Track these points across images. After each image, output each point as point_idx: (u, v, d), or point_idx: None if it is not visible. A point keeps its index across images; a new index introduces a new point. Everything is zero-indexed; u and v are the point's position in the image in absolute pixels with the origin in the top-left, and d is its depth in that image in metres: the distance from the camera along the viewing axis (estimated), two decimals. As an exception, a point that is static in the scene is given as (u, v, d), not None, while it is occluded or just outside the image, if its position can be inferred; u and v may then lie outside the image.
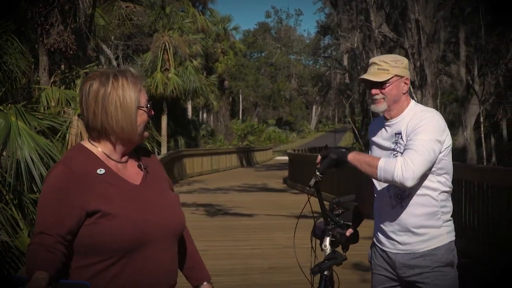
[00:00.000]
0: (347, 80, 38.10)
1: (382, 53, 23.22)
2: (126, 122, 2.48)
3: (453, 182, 3.45)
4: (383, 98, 3.43)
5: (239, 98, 68.46)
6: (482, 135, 19.65)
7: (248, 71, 69.14)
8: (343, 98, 42.00)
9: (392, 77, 3.42)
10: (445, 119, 3.38)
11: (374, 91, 3.44)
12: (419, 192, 3.35)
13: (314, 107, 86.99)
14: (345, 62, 40.95)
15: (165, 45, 31.20)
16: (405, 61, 3.50)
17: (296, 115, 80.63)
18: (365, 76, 3.44)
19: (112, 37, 21.99)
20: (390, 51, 21.80)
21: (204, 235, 10.73)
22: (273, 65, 74.47)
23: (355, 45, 25.64)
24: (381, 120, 3.58)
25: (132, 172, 2.57)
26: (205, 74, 42.04)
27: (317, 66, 75.83)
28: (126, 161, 2.58)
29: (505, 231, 7.95)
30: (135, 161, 2.61)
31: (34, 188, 7.33)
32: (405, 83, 3.48)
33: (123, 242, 2.39)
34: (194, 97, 34.86)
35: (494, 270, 7.76)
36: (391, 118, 3.48)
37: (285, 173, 25.07)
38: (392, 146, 3.42)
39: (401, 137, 3.38)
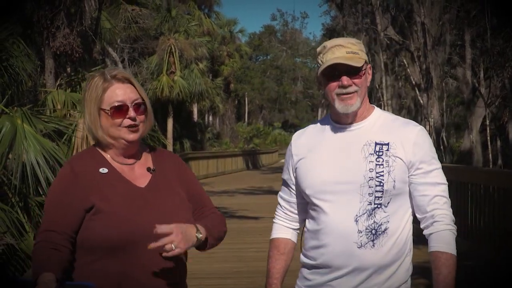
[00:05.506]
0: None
1: (388, 56, 23.15)
2: (90, 124, 2.51)
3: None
4: (356, 92, 2.54)
5: (244, 100, 68.37)
6: (488, 138, 19.61)
7: (254, 74, 69.06)
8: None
9: (365, 65, 2.59)
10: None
11: (346, 80, 2.53)
12: (396, 226, 2.59)
13: (319, 109, 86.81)
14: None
15: (171, 48, 31.21)
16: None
17: (301, 118, 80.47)
18: (340, 60, 2.52)
19: (118, 40, 22.02)
20: (396, 53, 21.78)
21: (209, 238, 10.72)
22: (278, 68, 74.36)
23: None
24: (323, 127, 2.68)
25: (138, 174, 2.56)
26: (210, 77, 42.03)
27: (323, 69, 75.50)
28: (134, 163, 2.57)
29: (511, 233, 7.93)
30: (144, 164, 2.59)
31: (40, 191, 7.33)
32: (369, 73, 2.65)
33: (110, 240, 2.39)
34: (199, 100, 34.87)
35: (501, 273, 7.73)
36: (350, 123, 2.63)
37: (291, 176, 25.01)
38: (370, 158, 2.55)
39: (388, 150, 2.55)
